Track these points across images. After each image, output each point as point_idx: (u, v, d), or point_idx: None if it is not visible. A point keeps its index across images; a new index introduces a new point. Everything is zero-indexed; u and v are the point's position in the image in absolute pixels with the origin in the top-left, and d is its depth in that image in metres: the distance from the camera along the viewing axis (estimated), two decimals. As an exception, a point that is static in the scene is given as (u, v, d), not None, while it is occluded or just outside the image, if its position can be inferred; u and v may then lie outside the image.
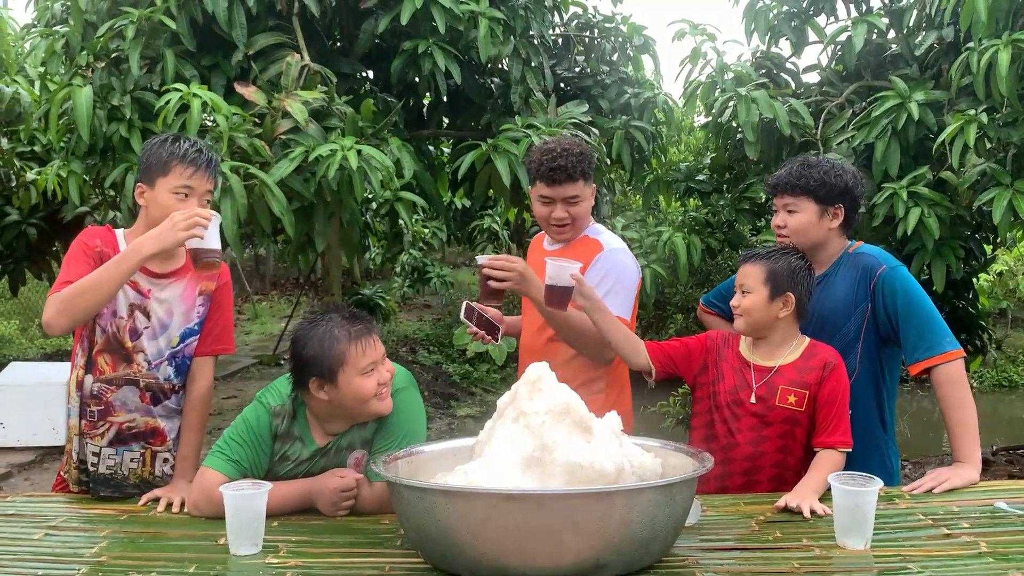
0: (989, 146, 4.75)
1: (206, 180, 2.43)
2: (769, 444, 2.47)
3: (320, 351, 2.22)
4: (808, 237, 2.66)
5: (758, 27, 5.93)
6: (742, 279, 2.53)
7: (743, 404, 2.49)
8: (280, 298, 15.79)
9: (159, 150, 2.42)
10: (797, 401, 2.44)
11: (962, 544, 1.97)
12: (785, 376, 2.47)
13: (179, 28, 4.81)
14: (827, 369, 2.45)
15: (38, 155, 7.45)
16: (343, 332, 2.23)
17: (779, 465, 2.48)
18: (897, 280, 2.60)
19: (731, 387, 2.52)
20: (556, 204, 2.80)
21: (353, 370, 2.22)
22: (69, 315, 2.30)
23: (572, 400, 1.98)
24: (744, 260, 2.57)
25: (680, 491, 1.84)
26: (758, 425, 2.47)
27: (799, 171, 2.66)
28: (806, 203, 2.64)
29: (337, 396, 2.24)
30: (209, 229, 2.28)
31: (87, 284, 2.28)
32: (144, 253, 2.26)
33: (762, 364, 2.52)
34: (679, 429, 6.78)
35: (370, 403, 2.26)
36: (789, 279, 2.49)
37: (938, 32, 5.36)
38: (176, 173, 2.39)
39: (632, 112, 6.46)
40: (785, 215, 2.67)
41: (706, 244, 5.81)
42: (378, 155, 4.44)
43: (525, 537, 1.73)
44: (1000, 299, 11.90)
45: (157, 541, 2.12)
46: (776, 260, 2.51)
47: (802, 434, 2.46)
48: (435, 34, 5.20)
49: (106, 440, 2.47)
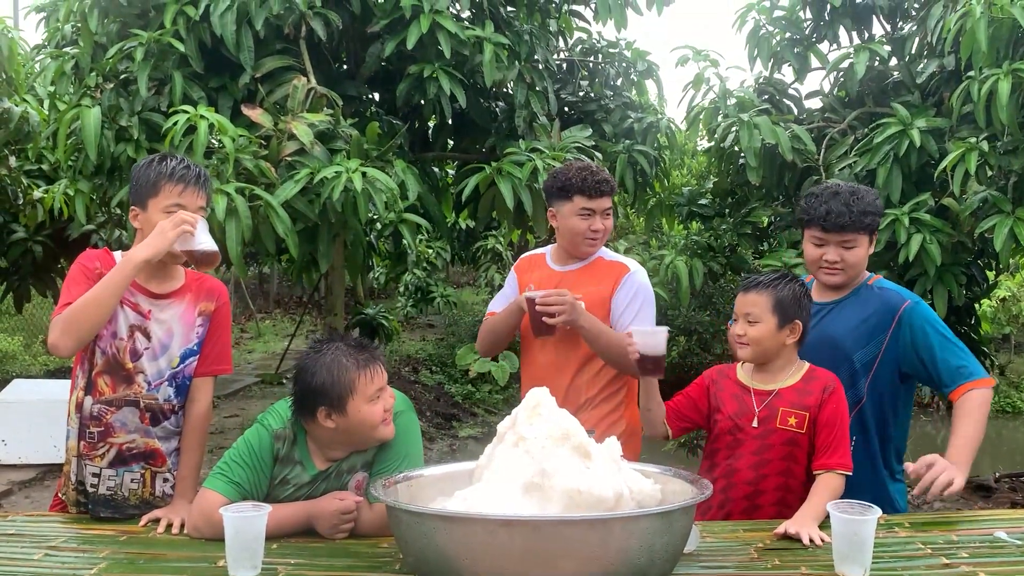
0: (990, 174, 4.78)
1: (197, 196, 2.44)
2: (771, 467, 2.47)
3: (329, 380, 2.23)
4: (861, 269, 2.68)
5: (761, 53, 5.99)
6: (747, 308, 2.52)
7: (744, 429, 2.50)
8: (283, 316, 15.81)
9: (147, 171, 2.44)
10: (798, 423, 2.45)
11: (961, 574, 1.97)
12: (786, 399, 2.48)
13: (187, 50, 4.86)
14: (827, 392, 2.46)
15: (45, 173, 7.50)
16: (351, 361, 2.25)
17: (782, 488, 2.48)
18: (924, 314, 2.61)
19: (731, 413, 2.53)
20: (595, 216, 2.93)
21: (362, 398, 2.23)
22: (74, 334, 2.32)
23: (571, 425, 1.99)
24: (746, 289, 2.55)
25: (678, 518, 1.84)
26: (760, 449, 2.48)
27: (859, 210, 2.61)
28: (862, 238, 2.64)
29: (345, 423, 2.25)
30: (198, 230, 2.33)
31: (87, 300, 2.31)
32: (136, 260, 2.29)
33: (762, 388, 2.53)
34: (680, 452, 6.77)
35: (377, 429, 2.28)
36: (796, 307, 2.51)
37: (939, 60, 5.40)
38: (166, 192, 2.40)
39: (635, 136, 6.51)
40: (842, 250, 2.64)
41: (708, 268, 5.84)
42: (382, 177, 4.47)
43: (523, 563, 1.73)
44: (1003, 325, 11.89)
45: (156, 563, 2.12)
46: (781, 288, 2.51)
47: (803, 456, 2.47)
48: (440, 58, 5.26)
49: (106, 461, 2.47)
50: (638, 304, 2.91)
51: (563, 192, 2.94)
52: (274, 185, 4.43)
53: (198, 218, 2.35)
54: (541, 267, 3.09)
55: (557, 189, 2.97)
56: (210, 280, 2.61)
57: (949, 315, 5.16)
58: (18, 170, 7.22)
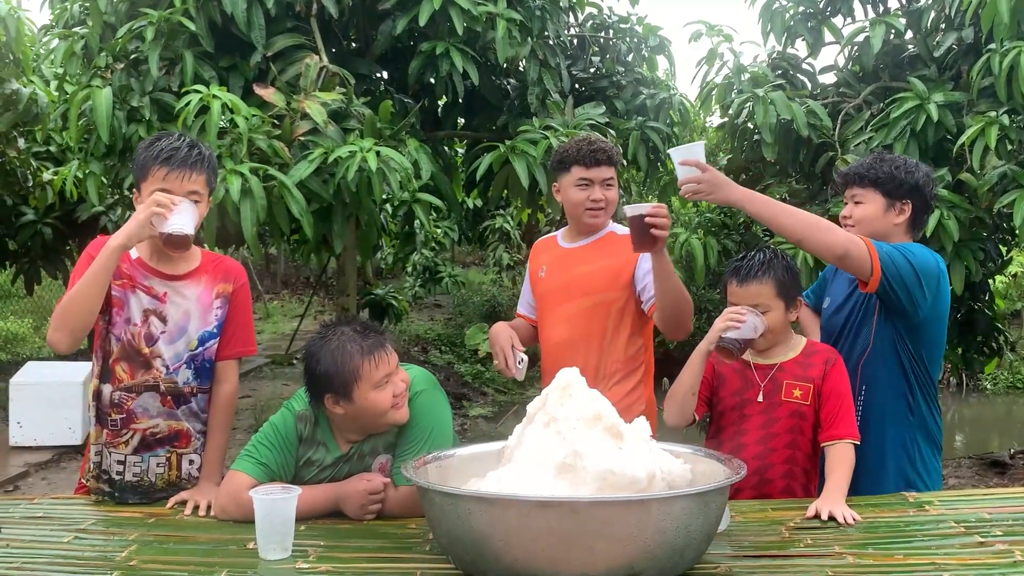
0: (1010, 148, 4.72)
1: (184, 179, 2.33)
2: (778, 441, 2.48)
3: (333, 368, 2.21)
4: (871, 228, 2.62)
5: (774, 28, 5.92)
6: (752, 299, 2.48)
7: (750, 403, 2.51)
8: (292, 297, 15.82)
9: (143, 154, 2.38)
10: (802, 395, 2.46)
11: (997, 552, 1.95)
12: (789, 372, 2.49)
13: (198, 29, 4.82)
14: (828, 364, 2.48)
15: (53, 155, 7.49)
16: (355, 347, 2.22)
17: (789, 462, 2.49)
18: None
19: (735, 389, 2.53)
20: (594, 186, 2.88)
21: (367, 385, 2.21)
22: (66, 329, 2.30)
23: (603, 406, 1.98)
24: (743, 280, 2.50)
25: (714, 498, 1.83)
26: (766, 423, 2.49)
27: (870, 163, 2.65)
28: (873, 195, 2.62)
29: (353, 410, 2.24)
30: (177, 212, 2.26)
31: (73, 294, 2.29)
32: (112, 247, 2.26)
33: (764, 363, 2.53)
34: (693, 431, 6.77)
35: (387, 414, 2.26)
36: (794, 283, 2.54)
37: (957, 33, 5.33)
38: (153, 176, 2.34)
39: (648, 113, 6.46)
40: (852, 206, 2.66)
41: (723, 245, 5.81)
42: (397, 156, 4.44)
43: (559, 544, 1.72)
44: (1015, 301, 11.85)
45: (186, 545, 2.11)
46: (775, 271, 2.49)
47: (808, 429, 2.47)
48: (452, 35, 5.21)
49: (130, 448, 2.45)
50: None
51: (562, 164, 2.93)
52: (288, 165, 4.40)
53: (178, 200, 2.27)
54: (552, 248, 3.06)
55: (557, 163, 2.96)
56: (227, 261, 2.58)
57: (964, 291, 5.13)
58: (27, 152, 7.21)
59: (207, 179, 2.41)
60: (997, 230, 5.52)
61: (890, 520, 2.21)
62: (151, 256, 2.44)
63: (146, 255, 2.45)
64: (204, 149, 2.43)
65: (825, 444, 2.43)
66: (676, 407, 2.55)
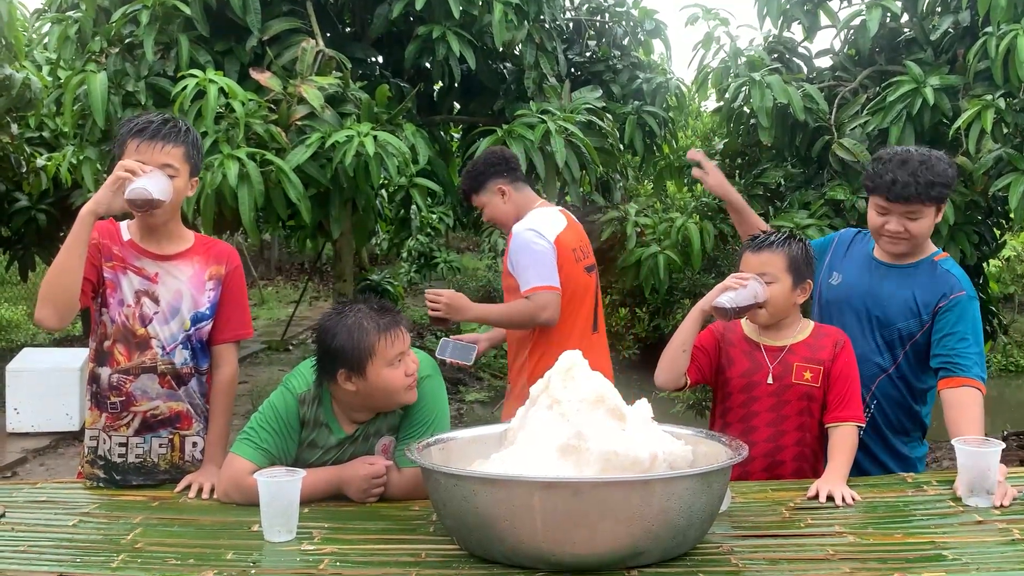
0: (1006, 131, 4.74)
1: (156, 150, 2.33)
2: (789, 423, 2.48)
3: (349, 343, 2.21)
4: (925, 239, 2.62)
5: (770, 12, 5.90)
6: (761, 268, 2.49)
7: (760, 386, 2.50)
8: (286, 283, 15.80)
9: (121, 130, 2.41)
10: (813, 377, 2.46)
11: (996, 531, 1.98)
12: (798, 354, 2.49)
13: (193, 13, 4.79)
14: (838, 347, 2.49)
15: (47, 141, 7.46)
16: (372, 324, 2.23)
17: (800, 444, 2.49)
18: (971, 310, 2.56)
19: (743, 371, 2.52)
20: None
21: (382, 361, 2.22)
22: (50, 304, 2.30)
23: (606, 388, 1.99)
24: (758, 248, 2.52)
25: (716, 479, 1.85)
26: (776, 405, 2.48)
27: (926, 181, 2.49)
28: (928, 209, 2.54)
29: (365, 387, 2.24)
30: (144, 177, 2.27)
31: (53, 268, 2.30)
32: (82, 215, 2.26)
33: (773, 344, 2.52)
34: (689, 414, 6.79)
35: (398, 393, 2.27)
36: (807, 265, 2.53)
37: (954, 16, 5.33)
38: (128, 149, 2.35)
39: (644, 97, 6.45)
40: (905, 221, 2.54)
41: (719, 230, 5.81)
42: (394, 141, 4.43)
43: (564, 524, 1.74)
44: (1008, 284, 11.91)
45: (190, 528, 2.12)
46: (793, 246, 2.50)
47: (818, 410, 2.48)
48: (449, 19, 5.18)
49: (131, 430, 2.46)
50: (524, 260, 3.15)
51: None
52: (285, 150, 4.39)
53: (149, 169, 2.28)
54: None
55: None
56: (219, 244, 2.58)
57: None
58: (20, 138, 7.17)
59: (185, 153, 2.39)
60: (991, 213, 5.55)
61: (889, 500, 2.23)
62: (142, 237, 2.45)
63: (137, 236, 2.45)
64: (182, 124, 2.42)
65: (830, 425, 2.44)
66: (667, 363, 2.53)
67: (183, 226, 2.54)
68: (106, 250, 2.41)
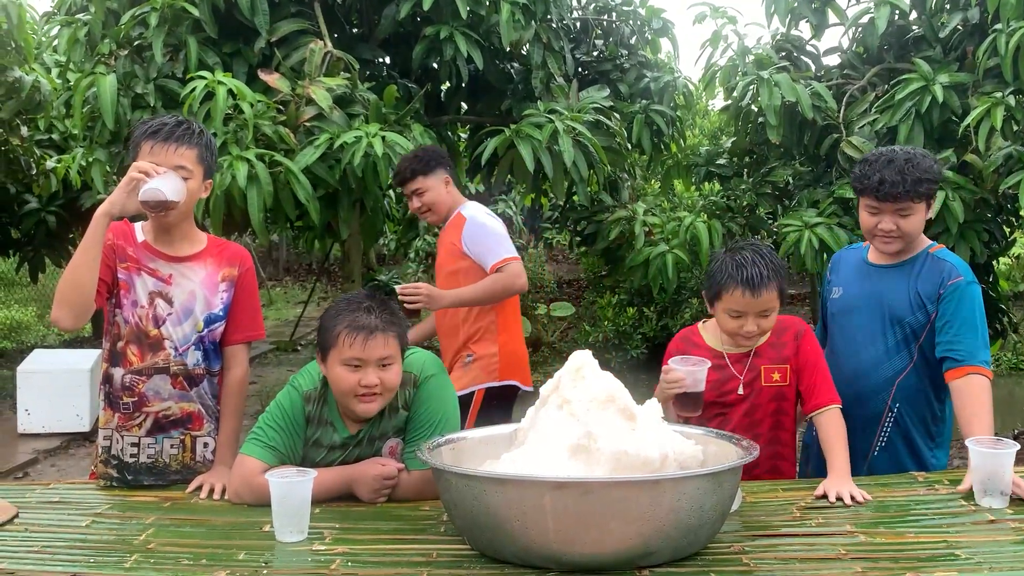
0: (1016, 129, 4.72)
1: (170, 152, 2.36)
2: (763, 426, 2.51)
3: (323, 325, 2.28)
4: (918, 235, 2.65)
5: (778, 9, 5.89)
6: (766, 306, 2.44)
7: (731, 395, 2.52)
8: (294, 284, 15.82)
9: (135, 132, 2.44)
10: (781, 376, 2.50)
11: (1009, 530, 1.97)
12: (765, 356, 2.52)
13: (201, 15, 4.80)
14: (799, 337, 2.51)
15: (56, 143, 7.49)
16: (347, 317, 2.23)
17: (774, 443, 2.52)
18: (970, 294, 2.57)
19: (712, 382, 2.46)
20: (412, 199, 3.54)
21: (337, 356, 2.23)
22: (66, 304, 2.32)
23: (616, 388, 1.99)
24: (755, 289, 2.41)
25: (727, 478, 1.85)
26: (749, 410, 2.51)
27: (913, 178, 2.53)
28: (918, 205, 2.58)
29: (328, 376, 2.27)
30: (158, 178, 2.29)
31: (69, 268, 2.32)
32: (97, 216, 2.29)
33: (737, 351, 2.54)
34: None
35: (348, 398, 2.25)
36: (786, 282, 2.55)
37: (963, 13, 5.31)
38: (141, 152, 2.38)
39: (652, 96, 6.44)
40: (897, 218, 2.57)
41: (727, 228, 5.81)
42: (402, 141, 4.44)
43: (575, 524, 1.74)
44: (1018, 282, 11.85)
45: (203, 528, 2.13)
46: (780, 274, 2.47)
47: (790, 406, 2.52)
48: (456, 19, 5.18)
49: (144, 430, 2.47)
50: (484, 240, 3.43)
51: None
52: (293, 151, 4.40)
53: (163, 169, 2.31)
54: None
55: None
56: (232, 245, 2.60)
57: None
58: (30, 140, 7.20)
59: (199, 155, 2.42)
60: (1001, 211, 5.52)
61: (900, 499, 2.23)
62: (156, 239, 2.47)
63: (151, 238, 2.47)
64: (195, 127, 2.45)
65: (813, 414, 2.46)
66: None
67: (196, 228, 2.56)
68: (120, 251, 2.43)
